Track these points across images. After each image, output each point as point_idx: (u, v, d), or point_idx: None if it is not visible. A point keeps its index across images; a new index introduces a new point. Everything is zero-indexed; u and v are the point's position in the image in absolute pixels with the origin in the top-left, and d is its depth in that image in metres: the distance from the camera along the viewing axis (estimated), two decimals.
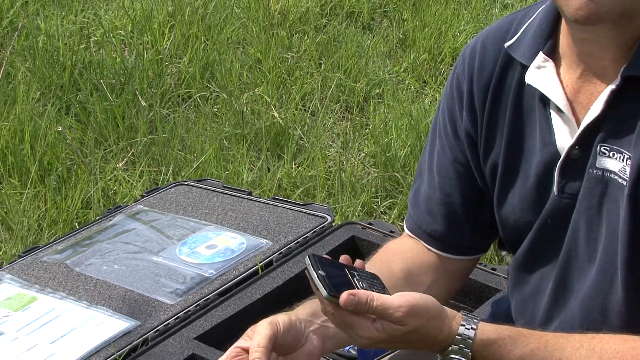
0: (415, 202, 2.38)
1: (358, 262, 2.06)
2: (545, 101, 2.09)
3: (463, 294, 3.01)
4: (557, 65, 2.08)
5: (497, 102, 2.19)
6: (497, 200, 2.24)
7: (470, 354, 1.94)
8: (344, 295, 1.86)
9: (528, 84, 2.11)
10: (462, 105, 2.24)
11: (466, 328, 1.95)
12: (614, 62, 1.98)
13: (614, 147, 1.98)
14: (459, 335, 1.94)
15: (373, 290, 1.92)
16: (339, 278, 1.96)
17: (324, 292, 1.89)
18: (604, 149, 2.00)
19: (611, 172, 1.98)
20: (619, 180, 1.96)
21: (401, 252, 2.39)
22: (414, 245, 2.39)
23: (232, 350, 2.10)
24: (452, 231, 2.32)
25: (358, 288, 1.90)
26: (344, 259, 2.06)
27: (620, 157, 1.97)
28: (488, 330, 1.96)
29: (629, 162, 1.95)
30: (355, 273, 1.99)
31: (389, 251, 2.42)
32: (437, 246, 2.35)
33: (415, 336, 1.97)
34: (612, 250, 2.00)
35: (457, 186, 2.29)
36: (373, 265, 2.30)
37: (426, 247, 2.37)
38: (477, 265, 3.06)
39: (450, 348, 1.95)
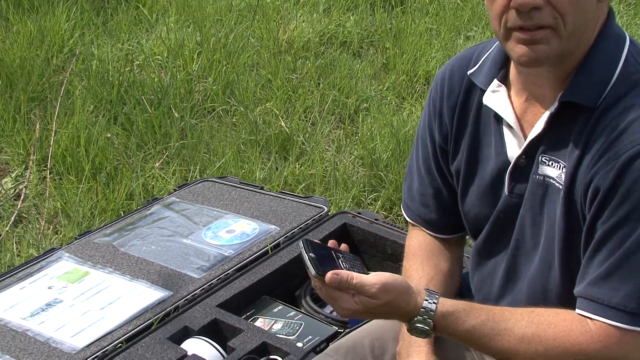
0: (410, 197, 2.40)
1: (343, 246, 2.09)
2: (498, 119, 2.12)
3: None
4: (509, 90, 2.10)
5: (462, 119, 2.22)
6: (460, 198, 2.27)
7: (431, 323, 1.96)
8: (329, 275, 1.91)
9: (485, 105, 2.13)
10: (436, 122, 2.27)
11: (429, 302, 1.97)
12: (552, 90, 2.00)
13: (553, 157, 2.00)
14: (423, 308, 1.96)
15: (354, 270, 1.95)
16: (326, 259, 2.00)
17: (312, 271, 1.93)
18: (545, 159, 2.02)
19: (550, 177, 2.00)
20: (556, 184, 1.98)
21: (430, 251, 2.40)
22: (421, 241, 2.41)
23: None
24: (445, 217, 2.35)
25: (342, 268, 1.94)
26: (331, 243, 2.09)
27: (557, 165, 1.99)
28: (447, 304, 1.98)
29: (564, 170, 1.98)
30: (340, 255, 2.03)
31: (424, 252, 2.40)
32: (434, 230, 2.38)
33: (387, 308, 1.99)
34: (551, 242, 2.03)
35: (443, 182, 2.31)
36: (423, 267, 2.34)
37: (425, 231, 2.40)
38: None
39: (415, 318, 1.97)
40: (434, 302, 1.98)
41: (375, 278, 1.98)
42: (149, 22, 5.11)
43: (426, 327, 1.97)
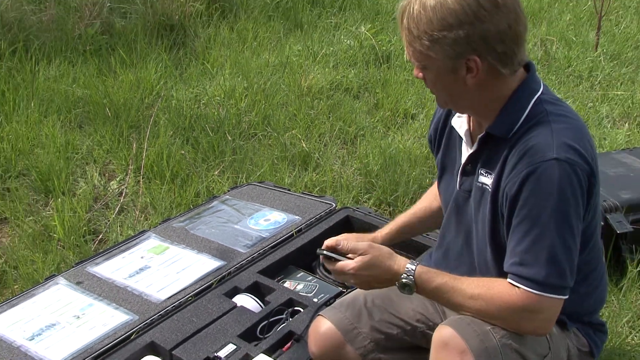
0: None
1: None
2: (460, 137, 2.15)
3: (409, 249, 2.93)
4: (469, 116, 2.12)
5: (442, 133, 2.26)
6: (437, 184, 2.32)
7: (413, 279, 1.98)
8: (329, 241, 2.12)
9: (451, 125, 2.16)
10: (433, 121, 2.32)
11: (411, 264, 2.01)
12: (484, 120, 2.03)
13: (487, 170, 2.03)
14: (407, 268, 2.00)
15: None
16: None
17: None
18: (482, 171, 2.05)
19: (486, 184, 2.03)
20: (489, 189, 2.01)
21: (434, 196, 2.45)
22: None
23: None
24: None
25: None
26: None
27: (489, 176, 2.02)
28: (423, 268, 2.01)
29: (493, 179, 2.00)
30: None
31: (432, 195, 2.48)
32: None
33: (379, 268, 2.04)
34: (485, 230, 2.05)
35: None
36: (422, 202, 2.51)
37: None
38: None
39: (402, 276, 2.00)
40: (415, 265, 2.00)
41: (362, 242, 2.09)
42: (211, 74, 5.11)
43: (410, 282, 1.98)
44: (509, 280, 1.92)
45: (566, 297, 1.91)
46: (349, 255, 2.07)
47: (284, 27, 5.90)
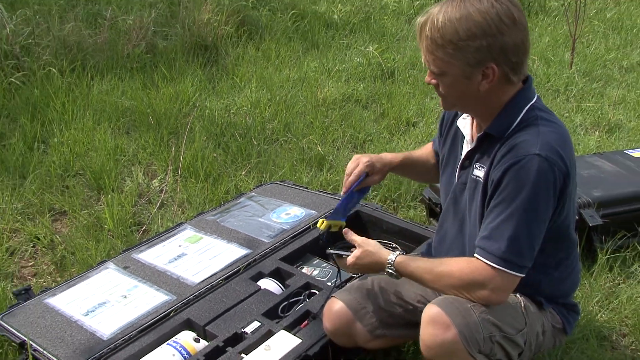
0: (434, 141, 2.44)
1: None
2: (463, 136, 2.16)
3: (411, 240, 2.97)
4: (473, 119, 2.12)
5: (448, 133, 2.27)
6: (440, 176, 2.31)
7: (393, 267, 2.06)
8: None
9: (457, 125, 2.16)
10: (442, 119, 2.33)
11: (392, 255, 2.08)
12: (483, 122, 2.04)
13: (481, 164, 2.04)
14: (388, 260, 2.07)
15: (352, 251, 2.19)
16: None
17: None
18: (477, 165, 2.06)
19: (480, 177, 2.04)
20: (481, 181, 2.01)
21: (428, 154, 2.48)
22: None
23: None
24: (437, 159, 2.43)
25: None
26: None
27: (482, 169, 2.02)
28: (401, 257, 2.08)
29: (484, 172, 2.01)
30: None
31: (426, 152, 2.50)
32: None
33: (368, 261, 2.13)
34: (477, 217, 2.05)
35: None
36: (421, 153, 2.51)
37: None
38: (418, 224, 3.07)
39: (386, 265, 2.08)
40: (395, 255, 2.07)
41: (359, 237, 2.19)
42: (240, 87, 5.12)
43: (392, 270, 2.07)
44: (475, 255, 1.95)
45: (520, 275, 1.93)
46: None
47: (302, 47, 5.91)
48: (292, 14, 6.30)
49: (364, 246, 2.14)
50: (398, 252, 2.09)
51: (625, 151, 3.73)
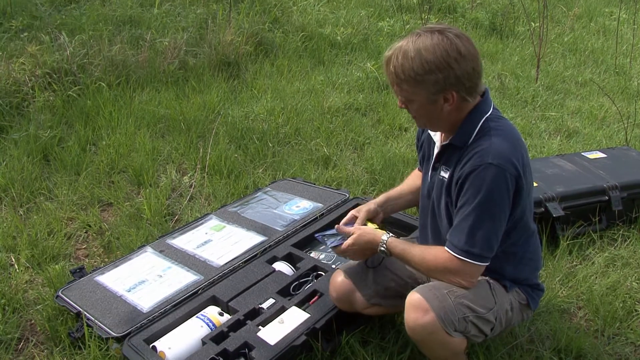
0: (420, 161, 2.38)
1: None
2: (434, 142, 2.13)
3: (403, 229, 2.95)
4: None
5: (423, 142, 2.26)
6: (422, 180, 2.27)
7: (385, 246, 2.06)
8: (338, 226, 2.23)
9: (429, 133, 2.15)
10: (417, 144, 2.29)
11: (385, 235, 2.09)
12: (448, 133, 2.02)
13: (446, 167, 2.07)
14: (382, 239, 2.07)
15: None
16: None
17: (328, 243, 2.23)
18: (443, 167, 2.08)
19: (445, 177, 2.06)
20: (446, 181, 2.01)
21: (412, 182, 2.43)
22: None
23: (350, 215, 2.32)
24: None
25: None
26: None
27: (447, 171, 2.04)
28: (393, 239, 2.08)
29: (448, 174, 2.02)
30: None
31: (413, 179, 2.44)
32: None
33: (362, 242, 2.13)
34: (443, 210, 2.06)
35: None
36: (406, 184, 2.45)
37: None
38: (410, 216, 3.04)
39: (380, 245, 2.08)
40: (387, 236, 2.08)
41: (354, 227, 2.20)
42: (257, 98, 5.09)
43: (383, 248, 2.07)
44: (445, 246, 1.97)
45: (483, 264, 1.94)
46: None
47: (310, 63, 5.88)
48: (301, 36, 6.28)
49: (361, 229, 2.15)
50: (390, 235, 2.11)
51: (582, 153, 3.71)
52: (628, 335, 2.60)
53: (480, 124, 1.95)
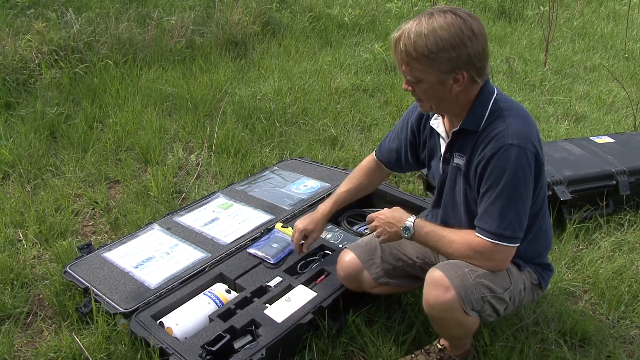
0: (382, 144, 2.41)
1: None
2: (438, 134, 2.11)
3: (411, 210, 2.92)
4: (443, 118, 2.11)
5: (423, 131, 2.23)
6: (427, 170, 2.27)
7: (412, 224, 2.04)
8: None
9: (431, 126, 2.11)
10: (408, 126, 2.26)
11: (412, 216, 2.07)
12: (457, 120, 2.02)
13: (460, 153, 2.05)
14: (410, 217, 2.06)
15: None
16: None
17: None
18: (456, 154, 2.06)
19: (459, 164, 2.05)
20: (461, 168, 2.01)
21: (367, 171, 2.46)
22: (373, 164, 2.45)
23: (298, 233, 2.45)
24: (393, 163, 2.39)
25: None
26: None
27: (462, 158, 2.04)
28: (420, 219, 2.06)
29: (465, 160, 2.01)
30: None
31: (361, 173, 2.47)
32: (385, 166, 2.42)
33: (391, 215, 2.12)
34: (459, 196, 2.05)
35: (403, 149, 2.32)
36: (353, 180, 2.46)
37: (379, 163, 2.41)
38: (417, 197, 3.04)
39: (407, 220, 2.07)
40: (415, 217, 2.07)
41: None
42: (264, 77, 5.07)
43: (410, 225, 2.05)
44: (475, 231, 1.95)
45: (515, 245, 1.94)
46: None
47: (318, 44, 5.85)
48: (309, 16, 6.24)
49: (391, 209, 2.16)
50: (415, 216, 2.11)
51: (591, 138, 3.70)
52: (633, 319, 2.60)
53: (490, 106, 1.94)
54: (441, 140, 2.11)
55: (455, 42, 1.82)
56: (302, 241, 2.48)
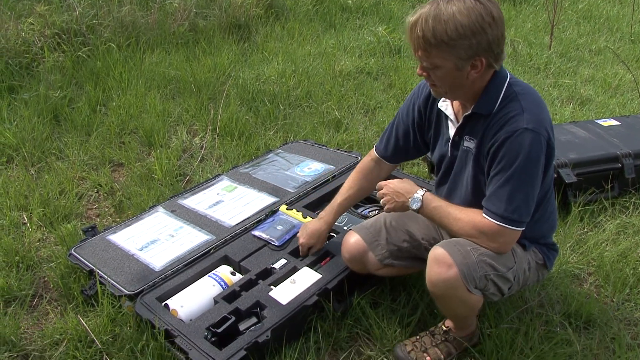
0: (383, 138, 2.38)
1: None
2: (445, 116, 2.09)
3: None
4: (452, 100, 2.07)
5: (431, 112, 2.19)
6: (431, 152, 2.26)
7: (421, 197, 2.02)
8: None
9: (439, 108, 2.08)
10: (414, 108, 2.22)
11: (421, 189, 2.05)
12: (469, 103, 2.00)
13: (471, 137, 2.02)
14: (419, 190, 2.04)
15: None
16: None
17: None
18: (467, 137, 2.04)
19: (470, 148, 2.03)
20: (472, 152, 1.99)
21: (366, 172, 2.43)
22: (371, 164, 2.41)
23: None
24: (398, 152, 2.34)
25: None
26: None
27: (472, 141, 2.02)
28: (429, 193, 2.04)
29: (475, 144, 1.99)
30: None
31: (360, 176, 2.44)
32: (386, 159, 2.38)
33: (401, 186, 2.10)
34: (467, 181, 2.04)
35: (411, 133, 2.28)
36: (352, 185, 2.44)
37: (379, 160, 2.38)
38: (421, 179, 3.03)
39: (416, 192, 2.05)
40: (424, 190, 2.05)
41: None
42: (268, 60, 5.04)
43: (419, 197, 2.03)
44: (482, 212, 1.93)
45: (521, 229, 1.93)
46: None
47: (321, 26, 5.82)
48: None
49: (401, 180, 2.15)
50: (425, 189, 2.09)
51: (596, 120, 3.67)
52: (638, 302, 2.60)
53: (504, 89, 1.91)
54: (449, 122, 2.09)
55: (476, 28, 1.77)
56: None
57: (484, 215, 1.93)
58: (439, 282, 1.94)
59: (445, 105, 2.09)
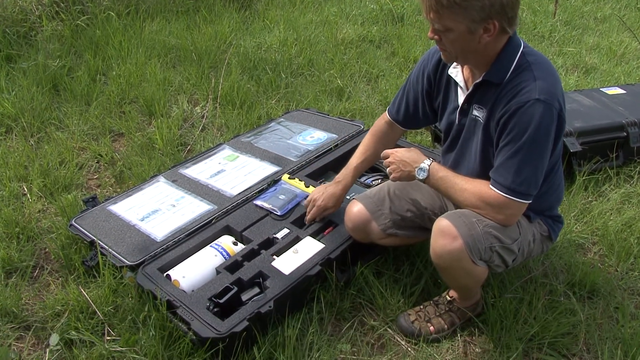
0: (395, 101, 2.32)
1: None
2: (455, 82, 2.03)
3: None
4: (462, 67, 2.01)
5: (440, 79, 2.13)
6: (439, 119, 2.20)
7: (428, 166, 1.98)
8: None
9: (449, 74, 2.03)
10: (424, 75, 2.17)
11: (429, 159, 2.01)
12: (480, 71, 1.95)
13: (480, 105, 1.97)
14: (426, 159, 2.00)
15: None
16: None
17: None
18: (476, 107, 1.98)
19: (478, 117, 1.97)
20: (480, 121, 1.95)
21: (381, 135, 2.38)
22: (385, 126, 2.37)
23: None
24: (408, 119, 2.29)
25: None
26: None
27: (481, 110, 1.96)
28: (435, 163, 2.00)
29: (485, 113, 1.93)
30: None
31: (375, 137, 2.39)
32: (398, 123, 2.33)
33: (409, 155, 2.05)
34: (475, 149, 1.99)
35: (420, 100, 2.23)
36: (368, 147, 2.38)
37: (392, 123, 2.33)
38: (425, 148, 2.98)
39: (423, 161, 2.01)
40: (431, 159, 2.01)
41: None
42: (270, 28, 4.96)
43: (426, 167, 1.99)
44: (490, 183, 1.90)
45: (527, 202, 1.89)
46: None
47: None
48: None
49: (409, 149, 2.11)
50: (432, 159, 2.06)
51: (601, 89, 3.61)
52: None
53: (517, 58, 1.85)
54: (459, 89, 2.03)
55: None
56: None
57: (490, 186, 1.88)
58: (443, 254, 1.91)
59: (456, 72, 2.03)
